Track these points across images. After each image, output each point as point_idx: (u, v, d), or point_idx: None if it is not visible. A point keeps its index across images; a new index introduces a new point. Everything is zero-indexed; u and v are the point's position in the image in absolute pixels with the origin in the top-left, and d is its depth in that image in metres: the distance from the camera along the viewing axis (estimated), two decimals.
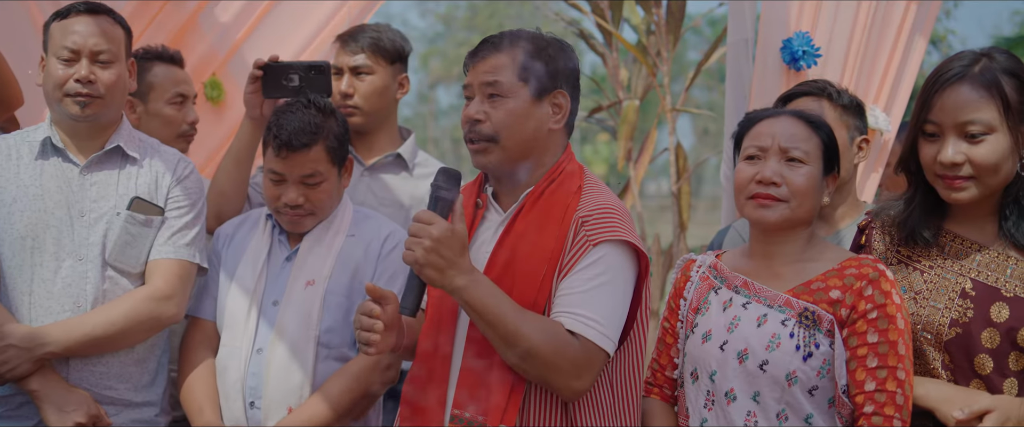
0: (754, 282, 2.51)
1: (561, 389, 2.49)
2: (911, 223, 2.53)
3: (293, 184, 3.09)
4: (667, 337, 2.68)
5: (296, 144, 3.05)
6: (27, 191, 3.03)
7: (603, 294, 2.50)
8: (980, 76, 2.38)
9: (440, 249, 2.41)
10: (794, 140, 2.49)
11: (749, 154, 2.52)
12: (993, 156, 2.36)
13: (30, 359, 2.92)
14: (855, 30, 4.22)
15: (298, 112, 3.10)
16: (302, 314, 3.09)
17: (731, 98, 4.29)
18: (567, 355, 2.45)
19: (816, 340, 2.38)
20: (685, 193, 6.11)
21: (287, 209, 3.11)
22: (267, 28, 4.24)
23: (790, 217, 2.47)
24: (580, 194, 2.59)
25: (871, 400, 2.35)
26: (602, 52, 6.36)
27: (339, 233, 3.19)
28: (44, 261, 3.00)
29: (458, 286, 2.43)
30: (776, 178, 2.46)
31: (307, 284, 3.12)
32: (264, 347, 3.08)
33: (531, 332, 2.42)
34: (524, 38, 2.63)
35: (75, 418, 2.93)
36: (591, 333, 2.47)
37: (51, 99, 3.05)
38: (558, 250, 2.52)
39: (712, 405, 2.49)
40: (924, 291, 2.47)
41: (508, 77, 2.58)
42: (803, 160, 2.48)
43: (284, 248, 3.19)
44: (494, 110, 2.57)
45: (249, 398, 3.06)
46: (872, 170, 4.36)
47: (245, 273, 3.15)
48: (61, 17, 3.04)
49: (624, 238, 2.53)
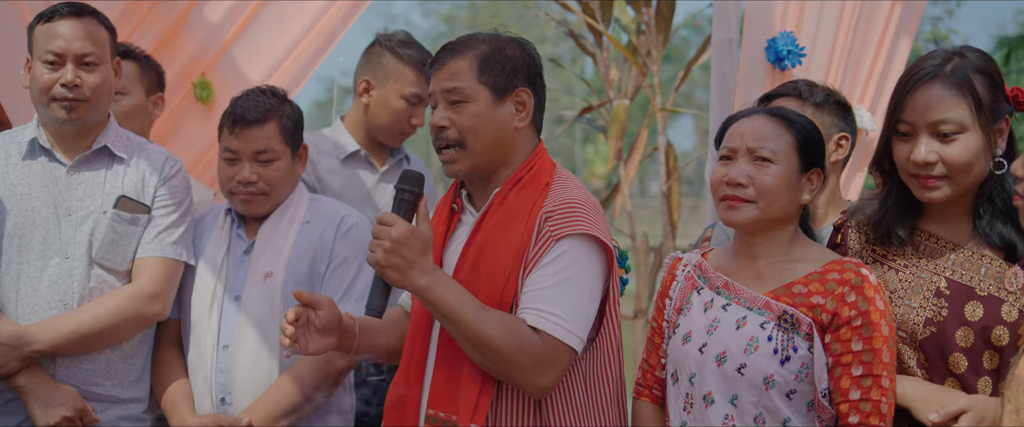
0: (735, 283, 2.49)
1: (526, 386, 2.49)
2: (886, 222, 2.52)
3: (246, 161, 3.15)
4: (655, 337, 2.67)
5: (249, 119, 3.13)
6: (15, 190, 3.06)
7: (567, 289, 2.49)
8: (952, 75, 2.37)
9: (400, 250, 2.42)
10: (761, 139, 2.46)
11: (722, 155, 2.51)
12: (965, 155, 2.36)
13: (17, 357, 2.95)
14: (840, 29, 4.23)
15: (253, 95, 3.19)
16: (264, 307, 3.11)
17: (716, 98, 4.30)
18: (529, 352, 2.44)
19: (794, 344, 2.36)
20: (675, 192, 6.12)
21: (240, 188, 3.15)
22: (257, 28, 4.24)
23: (760, 217, 2.44)
24: (548, 190, 2.59)
25: (856, 410, 2.33)
26: (592, 52, 6.38)
27: (294, 222, 3.22)
28: (31, 259, 3.03)
29: (420, 286, 2.44)
30: (742, 179, 2.43)
31: (265, 276, 3.14)
32: (230, 343, 3.11)
33: (491, 329, 2.42)
34: (481, 41, 2.64)
35: (61, 413, 2.96)
36: (554, 329, 2.46)
37: (37, 103, 3.07)
38: (524, 247, 2.51)
39: (690, 408, 2.48)
40: (899, 290, 2.47)
41: (468, 81, 2.58)
42: (771, 159, 2.44)
43: (242, 242, 3.22)
44: (457, 115, 2.58)
45: (219, 394, 3.10)
46: (858, 169, 4.38)
47: (205, 269, 3.19)
48: (45, 20, 3.04)
49: (588, 232, 2.52)
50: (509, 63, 2.61)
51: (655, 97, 6.01)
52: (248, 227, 3.24)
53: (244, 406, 3.07)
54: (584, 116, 6.85)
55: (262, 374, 3.09)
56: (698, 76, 27.23)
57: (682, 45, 28.86)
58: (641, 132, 6.39)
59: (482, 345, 2.43)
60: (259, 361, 3.09)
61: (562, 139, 33.44)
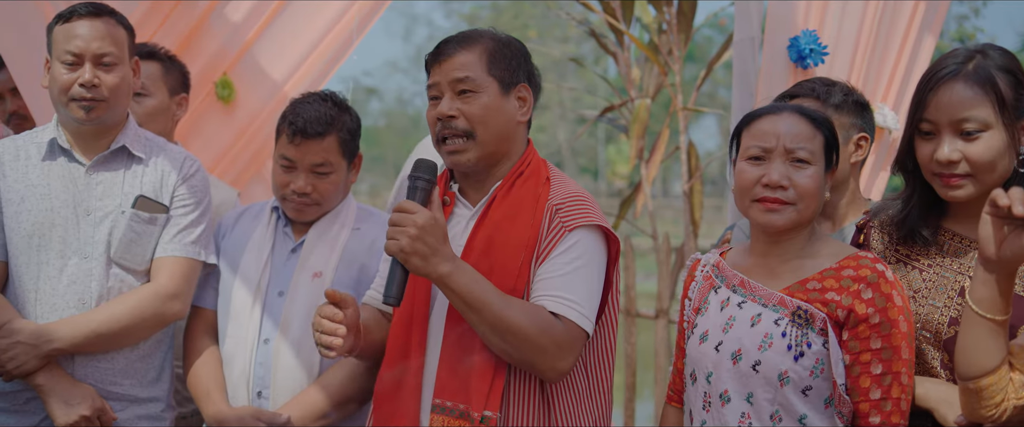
0: (750, 280, 2.48)
1: (545, 370, 2.54)
2: (909, 222, 2.51)
3: (303, 172, 3.13)
4: (682, 341, 2.67)
5: (310, 132, 3.10)
6: (34, 190, 3.07)
7: (580, 277, 2.57)
8: (974, 73, 2.36)
9: (425, 237, 2.44)
10: (799, 140, 2.43)
11: (752, 154, 2.46)
12: (989, 153, 2.35)
13: (37, 355, 2.95)
14: (863, 28, 4.21)
15: (314, 103, 3.15)
16: (309, 305, 3.11)
17: (738, 97, 4.28)
18: (553, 336, 2.50)
19: (808, 339, 2.35)
20: (697, 192, 6.09)
21: (294, 196, 3.15)
22: (277, 28, 4.26)
23: (797, 220, 2.43)
24: (549, 184, 2.67)
25: (877, 409, 2.32)
26: (614, 51, 6.36)
27: (345, 227, 3.23)
28: (50, 259, 3.04)
29: (443, 273, 2.46)
30: (784, 181, 2.41)
31: (314, 276, 3.15)
32: (271, 337, 3.11)
33: (517, 315, 2.47)
34: (484, 36, 2.70)
35: (80, 411, 2.97)
36: (573, 314, 2.54)
37: (56, 103, 3.08)
38: (534, 238, 2.58)
39: (709, 407, 2.47)
40: (923, 290, 2.45)
41: (478, 72, 2.63)
42: (808, 160, 2.42)
43: (289, 240, 3.22)
44: (467, 106, 2.62)
45: (256, 388, 3.10)
46: (881, 168, 4.35)
47: (249, 264, 3.19)
48: (63, 20, 3.05)
49: (597, 223, 2.61)
50: (514, 58, 2.69)
51: (676, 96, 5.99)
52: (295, 226, 3.25)
53: (281, 401, 3.08)
54: (606, 116, 6.83)
55: (302, 370, 3.09)
56: (721, 75, 27.20)
57: (704, 44, 28.81)
58: (663, 131, 6.37)
59: (507, 331, 2.47)
60: (300, 358, 3.09)
61: (584, 139, 33.40)
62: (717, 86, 31.58)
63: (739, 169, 2.48)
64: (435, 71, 2.67)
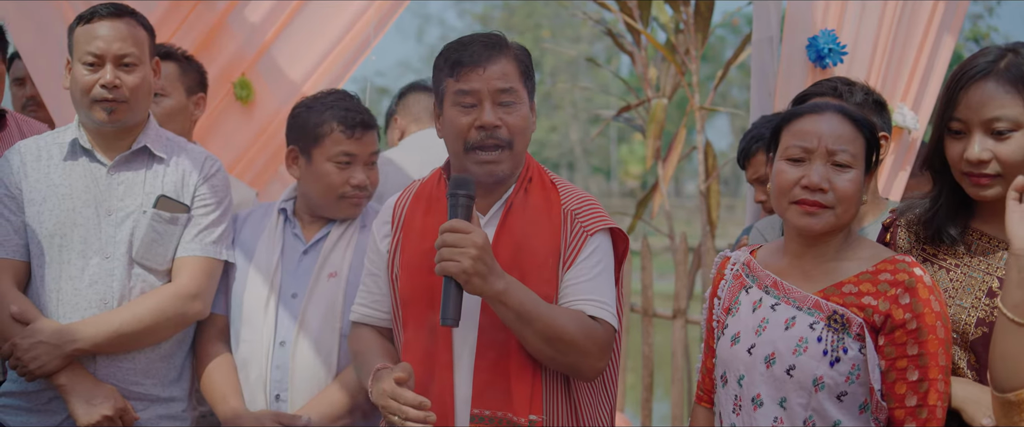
0: (784, 282, 2.44)
1: (586, 371, 2.63)
2: (937, 221, 2.48)
3: (361, 165, 3.17)
4: (710, 340, 2.63)
5: (369, 123, 3.17)
6: (56, 190, 3.07)
7: (604, 279, 2.66)
8: (1006, 72, 2.32)
9: (484, 257, 2.45)
10: (841, 142, 2.38)
11: (793, 155, 2.41)
12: (1020, 152, 2.31)
13: (60, 355, 2.96)
14: (882, 28, 4.20)
15: (348, 99, 3.20)
16: (326, 306, 3.11)
17: (756, 96, 4.27)
18: (596, 339, 2.60)
19: (845, 344, 2.32)
20: (714, 192, 6.08)
21: (355, 192, 3.16)
22: (296, 28, 4.27)
23: (835, 224, 2.39)
24: (556, 188, 2.73)
25: (913, 416, 2.29)
26: (631, 51, 6.35)
27: (357, 225, 3.23)
28: (72, 259, 3.05)
29: (499, 290, 2.48)
30: (824, 184, 2.36)
31: (330, 276, 3.15)
32: (287, 340, 3.11)
33: (567, 324, 2.54)
34: (513, 45, 2.72)
35: (102, 411, 2.97)
36: (607, 315, 2.63)
37: (78, 104, 3.08)
38: (556, 242, 2.64)
39: (739, 410, 2.44)
40: (950, 290, 2.43)
41: (516, 82, 2.65)
42: (850, 164, 2.38)
43: (299, 242, 3.22)
44: (509, 116, 2.64)
45: (274, 391, 3.09)
46: (900, 168, 4.33)
47: (260, 267, 3.18)
48: (84, 21, 3.05)
49: (612, 225, 2.71)
50: (531, 68, 2.74)
51: (693, 96, 5.98)
52: (305, 228, 3.24)
53: (299, 403, 3.07)
54: (622, 115, 6.82)
55: (320, 371, 3.09)
56: (733, 75, 27.14)
57: (717, 44, 28.77)
58: (680, 131, 6.35)
59: (558, 339, 2.53)
60: (317, 359, 3.09)
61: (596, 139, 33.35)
62: (729, 86, 31.54)
63: (778, 169, 2.43)
64: (473, 77, 2.62)
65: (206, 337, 3.23)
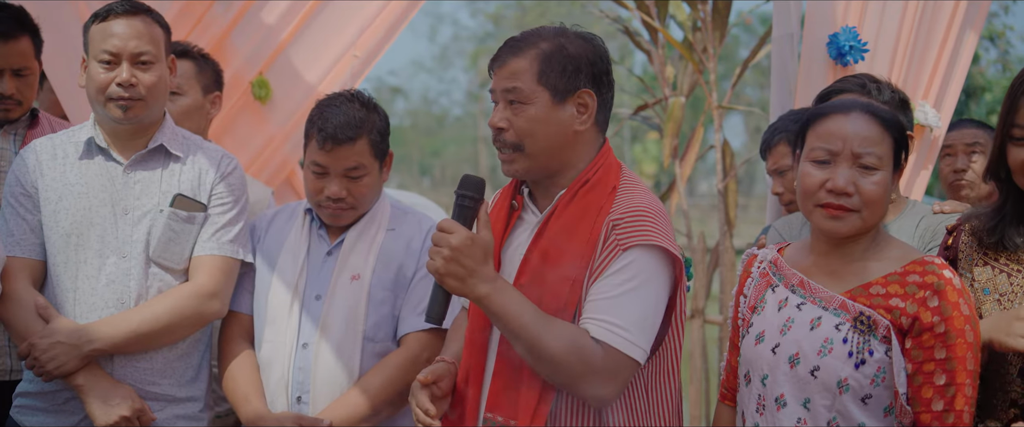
0: (811, 282, 2.40)
1: (587, 397, 2.44)
2: (1001, 229, 2.42)
3: (336, 177, 3.09)
4: (736, 338, 2.59)
5: (341, 137, 3.05)
6: (72, 189, 3.06)
7: (631, 300, 2.42)
8: None
9: (460, 258, 2.38)
10: (867, 144, 2.33)
11: (817, 157, 2.37)
12: None
13: (77, 356, 2.95)
14: (903, 25, 4.17)
15: (342, 106, 3.09)
16: (348, 308, 3.10)
17: (776, 94, 4.25)
18: (590, 364, 2.38)
19: (871, 346, 2.28)
20: (732, 191, 6.04)
21: (329, 202, 3.11)
22: (312, 28, 4.27)
23: (862, 227, 2.35)
24: (615, 195, 2.52)
25: (939, 421, 2.25)
26: (648, 49, 6.31)
27: (381, 228, 3.20)
28: (88, 258, 3.03)
29: (480, 294, 2.40)
30: (849, 187, 2.32)
31: (352, 279, 3.12)
32: (310, 341, 3.09)
33: (552, 341, 2.37)
34: (544, 38, 2.53)
35: (120, 411, 2.96)
36: (617, 341, 2.40)
37: (94, 102, 3.07)
38: (589, 253, 2.45)
39: (763, 410, 2.41)
40: (1008, 293, 2.38)
41: (527, 82, 2.50)
42: (876, 166, 2.33)
43: (324, 243, 3.20)
44: (516, 117, 2.51)
45: (296, 393, 3.07)
46: (921, 167, 4.30)
47: (285, 267, 3.16)
48: (100, 19, 3.04)
49: (657, 243, 2.44)
50: (571, 63, 2.51)
51: (711, 94, 5.94)
52: (330, 229, 3.21)
53: (321, 405, 3.05)
54: (639, 114, 6.78)
55: (342, 374, 3.07)
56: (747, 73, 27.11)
57: (731, 43, 28.71)
58: (697, 130, 6.31)
59: (540, 357, 2.39)
60: (339, 361, 3.07)
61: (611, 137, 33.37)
62: (743, 85, 31.47)
63: (804, 171, 2.39)
64: (494, 76, 2.56)
65: (230, 336, 3.22)
